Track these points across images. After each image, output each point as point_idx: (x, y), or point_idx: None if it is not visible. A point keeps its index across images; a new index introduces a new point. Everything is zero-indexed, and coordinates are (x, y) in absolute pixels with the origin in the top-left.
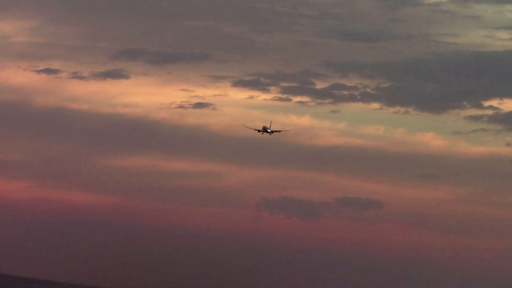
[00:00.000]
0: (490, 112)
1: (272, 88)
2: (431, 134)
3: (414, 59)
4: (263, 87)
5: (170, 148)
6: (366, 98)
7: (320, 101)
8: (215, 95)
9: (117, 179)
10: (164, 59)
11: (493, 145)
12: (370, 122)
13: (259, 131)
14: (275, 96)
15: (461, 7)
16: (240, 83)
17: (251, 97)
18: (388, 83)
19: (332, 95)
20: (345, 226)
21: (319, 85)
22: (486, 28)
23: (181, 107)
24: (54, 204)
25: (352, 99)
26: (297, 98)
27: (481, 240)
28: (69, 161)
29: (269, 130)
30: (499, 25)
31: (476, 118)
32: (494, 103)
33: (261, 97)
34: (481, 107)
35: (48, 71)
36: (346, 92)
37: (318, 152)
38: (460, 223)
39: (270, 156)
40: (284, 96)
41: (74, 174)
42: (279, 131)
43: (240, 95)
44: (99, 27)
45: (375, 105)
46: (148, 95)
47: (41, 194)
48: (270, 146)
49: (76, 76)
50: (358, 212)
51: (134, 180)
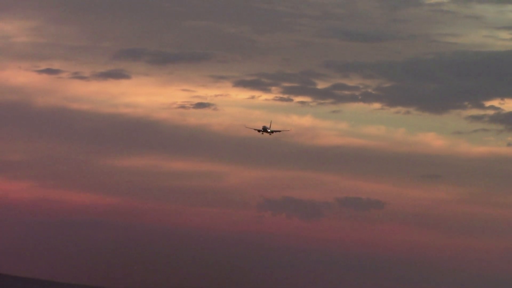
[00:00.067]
0: (491, 112)
1: (273, 88)
2: (432, 134)
3: (415, 59)
4: (264, 87)
5: (171, 148)
6: (367, 98)
7: (321, 101)
8: (216, 95)
9: (118, 179)
10: (165, 59)
11: (494, 145)
12: (371, 122)
13: (259, 131)
14: (276, 96)
15: (462, 7)
16: (241, 83)
17: (252, 97)
18: (389, 83)
19: (333, 95)
20: (346, 226)
21: (320, 85)
22: (488, 28)
23: (182, 107)
24: (55, 204)
25: (353, 99)
26: (298, 98)
27: (482, 240)
28: (70, 161)
29: (269, 130)
30: (500, 25)
31: (477, 118)
32: (495, 103)
33: (262, 97)
34: (482, 107)
35: (49, 71)
36: (347, 92)
37: (319, 152)
38: (461, 223)
39: (272, 156)
40: (285, 96)
41: (75, 174)
42: (279, 131)
43: (241, 95)
44: (100, 27)
45: (376, 105)
46: (149, 95)
47: (42, 194)
48: (271, 146)
49: (77, 76)
50: (359, 212)
51: (135, 180)
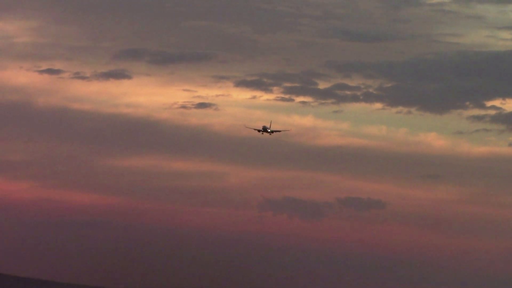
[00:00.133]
0: (492, 112)
1: (274, 88)
2: (433, 134)
3: (417, 59)
4: (265, 87)
5: (172, 148)
6: (368, 98)
7: (322, 101)
8: (218, 95)
9: (119, 179)
10: (167, 59)
11: (495, 145)
12: (372, 122)
13: (259, 131)
14: (277, 96)
15: (463, 7)
16: (242, 83)
17: (254, 97)
18: (391, 83)
19: (334, 95)
20: (347, 226)
21: (322, 85)
22: (489, 28)
23: (183, 107)
24: (56, 204)
25: (354, 99)
26: (299, 98)
27: (483, 240)
28: (71, 161)
29: (269, 130)
30: (501, 25)
31: (478, 118)
32: (497, 103)
33: (263, 97)
34: (483, 107)
35: (50, 71)
36: (348, 92)
37: (320, 152)
38: (462, 223)
39: (273, 156)
40: (286, 96)
41: (75, 174)
42: (279, 131)
43: (243, 95)
44: (101, 28)
45: (377, 105)
46: (151, 95)
47: (42, 194)
48: (272, 146)
49: (78, 76)
50: (361, 212)
51: (136, 180)
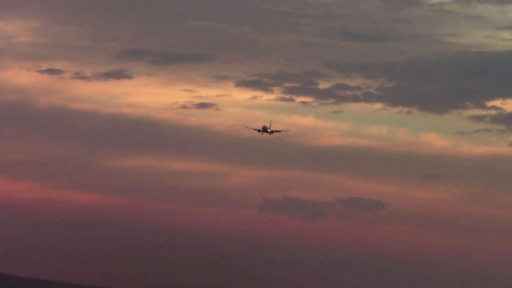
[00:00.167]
0: (493, 112)
1: (275, 88)
2: (434, 135)
3: (417, 59)
4: (266, 88)
5: (173, 148)
6: (369, 98)
7: (323, 101)
8: (218, 95)
9: (119, 179)
10: (167, 59)
11: (496, 145)
12: (373, 122)
13: (259, 131)
14: (278, 96)
15: (464, 7)
16: (243, 83)
17: (254, 97)
18: (391, 83)
19: (335, 95)
20: (347, 227)
21: (322, 85)
22: (489, 28)
23: (184, 107)
24: (56, 204)
25: (355, 99)
26: (300, 98)
27: (484, 240)
28: (71, 161)
29: (269, 130)
30: (502, 25)
31: (479, 118)
32: (497, 103)
33: (264, 97)
34: (484, 107)
35: (51, 71)
36: (349, 92)
37: (321, 152)
38: (463, 223)
39: (273, 156)
40: (287, 96)
41: (76, 174)
42: (279, 131)
43: (243, 95)
44: (102, 28)
45: (378, 105)
46: (151, 95)
47: (43, 194)
48: (273, 146)
49: (79, 76)
50: (361, 212)
51: (137, 180)
